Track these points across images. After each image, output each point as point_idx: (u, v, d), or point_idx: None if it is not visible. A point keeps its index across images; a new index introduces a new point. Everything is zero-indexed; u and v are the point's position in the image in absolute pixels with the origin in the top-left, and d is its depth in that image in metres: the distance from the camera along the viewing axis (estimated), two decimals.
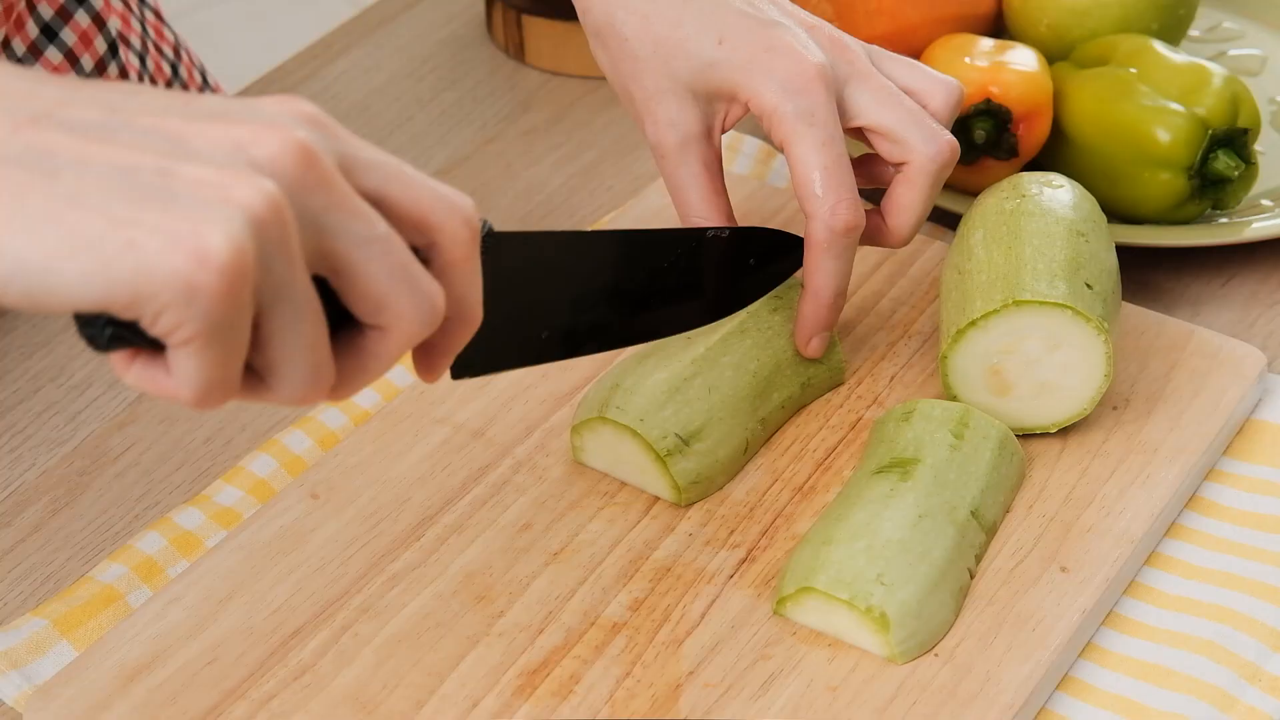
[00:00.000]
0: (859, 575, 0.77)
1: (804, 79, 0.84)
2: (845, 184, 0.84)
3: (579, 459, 0.86)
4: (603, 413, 0.83)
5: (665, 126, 0.87)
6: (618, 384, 0.84)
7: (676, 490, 0.83)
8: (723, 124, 0.88)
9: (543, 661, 0.77)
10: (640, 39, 0.87)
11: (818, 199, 0.84)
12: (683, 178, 0.88)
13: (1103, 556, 0.81)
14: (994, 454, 0.83)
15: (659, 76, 0.87)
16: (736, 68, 0.85)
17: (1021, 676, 0.76)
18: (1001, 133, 1.00)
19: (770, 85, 0.84)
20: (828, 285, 0.86)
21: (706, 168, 0.88)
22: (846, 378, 0.90)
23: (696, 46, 0.85)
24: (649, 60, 0.87)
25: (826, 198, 0.84)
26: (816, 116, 0.84)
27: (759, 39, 0.85)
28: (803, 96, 0.84)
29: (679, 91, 0.87)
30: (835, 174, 0.84)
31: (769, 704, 0.76)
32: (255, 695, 0.76)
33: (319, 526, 0.83)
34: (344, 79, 1.20)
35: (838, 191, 0.84)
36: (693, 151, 0.87)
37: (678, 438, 0.83)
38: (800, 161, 0.84)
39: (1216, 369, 0.90)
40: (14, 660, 0.80)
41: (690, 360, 0.85)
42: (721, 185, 0.89)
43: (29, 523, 0.89)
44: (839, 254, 0.85)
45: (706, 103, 0.87)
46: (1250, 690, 0.78)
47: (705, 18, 0.86)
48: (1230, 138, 0.98)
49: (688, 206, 0.88)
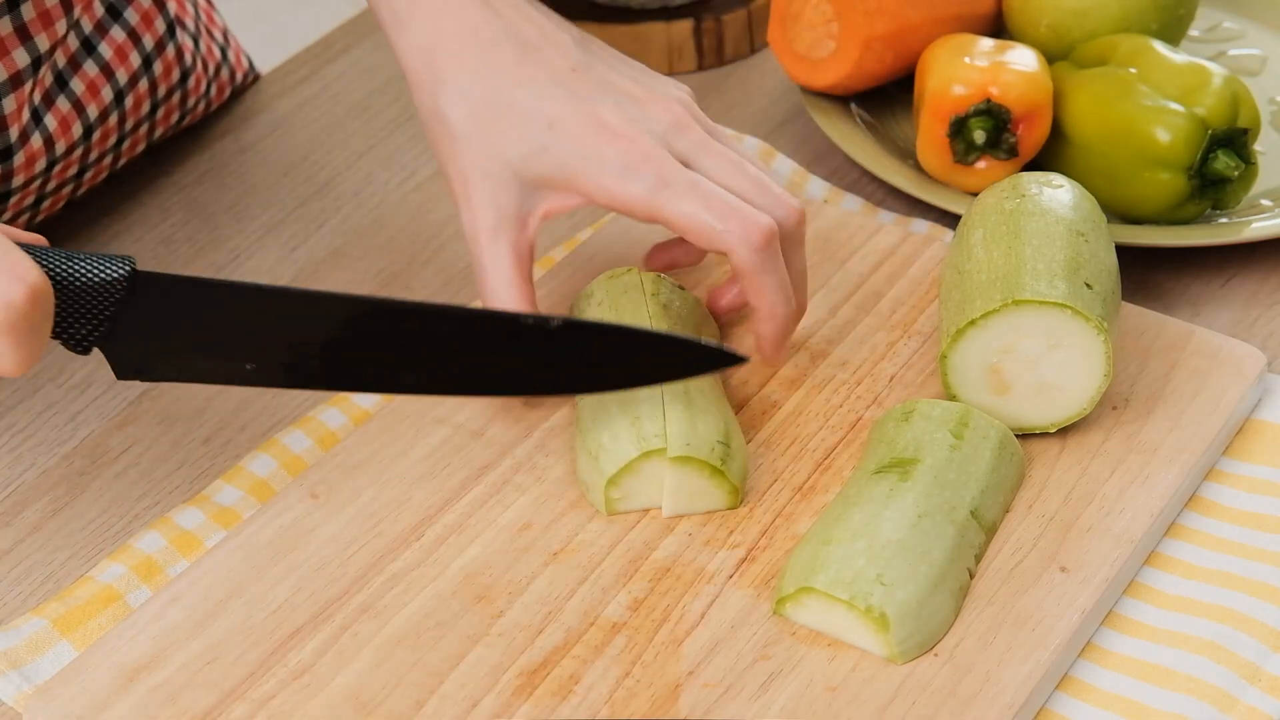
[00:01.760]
0: (859, 575, 0.77)
1: (641, 155, 0.83)
2: (734, 206, 0.83)
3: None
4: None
5: (480, 207, 0.85)
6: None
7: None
8: (545, 212, 0.86)
9: (542, 661, 0.77)
10: (466, 121, 0.85)
11: (721, 233, 0.82)
12: (487, 262, 0.85)
13: (1103, 556, 0.81)
14: (994, 454, 0.83)
15: (482, 159, 0.84)
16: (569, 154, 0.83)
17: (1021, 676, 0.76)
18: (1001, 133, 1.00)
19: (608, 174, 0.83)
20: (776, 300, 0.84)
21: (514, 253, 0.85)
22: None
23: (526, 131, 0.84)
24: (473, 142, 0.85)
25: (730, 227, 0.82)
26: (668, 178, 0.83)
27: (588, 122, 0.83)
28: (645, 169, 0.83)
29: (504, 176, 0.84)
30: (719, 207, 0.82)
31: (768, 704, 0.76)
32: (255, 695, 0.76)
33: (319, 526, 0.83)
34: (344, 79, 1.20)
35: (734, 216, 0.82)
36: (505, 237, 0.85)
37: None
38: (682, 218, 0.83)
39: (1216, 369, 0.90)
40: (14, 660, 0.80)
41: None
42: (529, 277, 0.86)
43: (29, 523, 0.89)
44: (770, 267, 0.83)
45: (532, 189, 0.85)
46: (1250, 690, 0.78)
47: (534, 100, 0.84)
48: (1230, 138, 0.98)
49: (487, 288, 0.85)
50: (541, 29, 0.86)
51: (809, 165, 1.10)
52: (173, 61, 1.07)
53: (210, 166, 1.12)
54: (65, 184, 1.03)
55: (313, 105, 1.17)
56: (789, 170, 1.07)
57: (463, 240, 1.03)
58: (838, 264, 0.97)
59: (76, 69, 1.00)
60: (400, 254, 1.04)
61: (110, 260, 0.76)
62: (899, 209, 1.06)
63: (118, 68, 1.03)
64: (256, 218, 1.08)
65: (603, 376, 0.82)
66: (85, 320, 0.77)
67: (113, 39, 1.03)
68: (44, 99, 0.98)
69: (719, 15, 1.18)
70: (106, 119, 1.03)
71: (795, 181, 1.07)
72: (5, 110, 0.95)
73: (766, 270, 0.83)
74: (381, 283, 1.02)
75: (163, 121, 1.09)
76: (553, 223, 1.05)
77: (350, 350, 0.80)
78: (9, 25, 0.94)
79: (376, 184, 1.10)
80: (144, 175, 1.11)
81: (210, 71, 1.13)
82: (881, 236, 0.99)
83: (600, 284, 0.90)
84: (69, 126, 1.00)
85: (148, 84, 1.06)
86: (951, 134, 1.01)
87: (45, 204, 1.03)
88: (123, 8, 1.04)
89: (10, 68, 0.94)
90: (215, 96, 1.15)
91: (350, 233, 1.06)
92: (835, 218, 1.00)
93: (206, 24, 1.14)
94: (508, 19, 0.86)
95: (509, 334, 0.81)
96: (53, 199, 1.04)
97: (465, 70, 0.85)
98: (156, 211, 1.09)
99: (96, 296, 0.76)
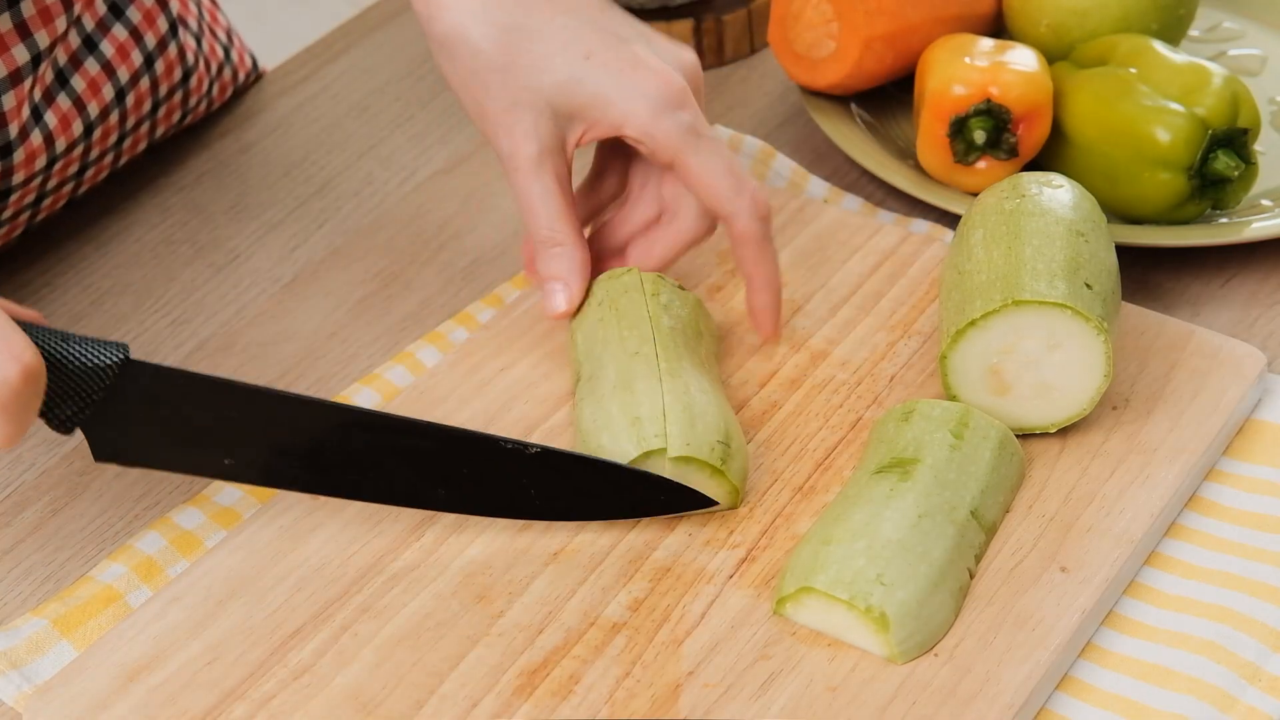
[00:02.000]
0: (859, 575, 0.77)
1: (677, 94, 0.85)
2: (747, 176, 0.87)
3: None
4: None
5: (522, 138, 0.86)
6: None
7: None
8: (578, 141, 0.87)
9: (543, 661, 0.77)
10: (497, 51, 0.85)
11: (733, 199, 0.86)
12: (536, 193, 0.87)
13: (1103, 556, 0.81)
14: (994, 454, 0.83)
15: (516, 89, 0.85)
16: (605, 85, 0.85)
17: (1021, 676, 0.76)
18: (1001, 133, 1.00)
19: (644, 104, 0.85)
20: (772, 271, 0.89)
21: (560, 183, 0.87)
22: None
23: (563, 61, 0.85)
24: (506, 73, 0.85)
25: (743, 194, 0.86)
26: (699, 127, 0.85)
27: (625, 56, 0.85)
28: (681, 111, 0.85)
29: (539, 105, 0.85)
30: (737, 171, 0.86)
31: (769, 704, 0.76)
32: (255, 695, 0.76)
33: (319, 526, 0.83)
34: (344, 79, 1.20)
35: (749, 184, 0.86)
36: (548, 166, 0.86)
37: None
38: (702, 171, 0.85)
39: (1216, 369, 0.90)
40: (14, 660, 0.80)
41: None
42: (573, 201, 0.88)
43: (29, 523, 0.89)
44: (769, 237, 0.88)
45: (566, 119, 0.86)
46: (1250, 690, 0.78)
47: (570, 33, 0.85)
48: (1230, 138, 0.98)
49: (538, 220, 0.87)
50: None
51: (809, 165, 1.10)
52: (175, 61, 1.08)
53: (210, 166, 1.12)
54: (66, 182, 1.03)
55: (313, 105, 1.17)
56: (789, 170, 1.07)
57: (462, 240, 1.03)
58: (838, 264, 0.97)
59: (78, 67, 1.00)
60: (400, 254, 1.04)
61: (103, 346, 0.77)
62: (899, 209, 1.06)
63: (119, 66, 1.03)
64: (256, 218, 1.08)
65: (575, 506, 0.83)
66: (72, 401, 0.77)
67: (114, 37, 1.03)
68: (44, 96, 0.98)
69: (719, 15, 1.18)
70: (107, 117, 1.03)
71: (795, 181, 1.07)
72: (5, 107, 0.95)
73: (767, 240, 0.88)
74: (381, 283, 1.02)
75: (164, 120, 1.09)
76: None
77: (328, 457, 0.81)
78: (9, 22, 0.94)
79: (376, 184, 1.10)
80: (144, 175, 1.11)
81: (213, 71, 1.13)
82: (881, 236, 0.99)
83: (601, 284, 0.90)
84: (69, 124, 1.00)
85: (149, 83, 1.06)
86: (951, 134, 1.01)
87: (46, 202, 1.03)
88: (125, 6, 1.04)
89: (10, 64, 0.94)
90: (218, 96, 1.15)
91: (350, 233, 1.06)
92: (835, 218, 1.00)
93: (210, 23, 1.14)
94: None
95: (486, 456, 0.81)
96: (53, 197, 1.04)
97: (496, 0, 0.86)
98: (156, 211, 1.09)
99: (87, 380, 0.77)
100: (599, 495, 0.82)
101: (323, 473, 0.81)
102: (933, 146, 1.01)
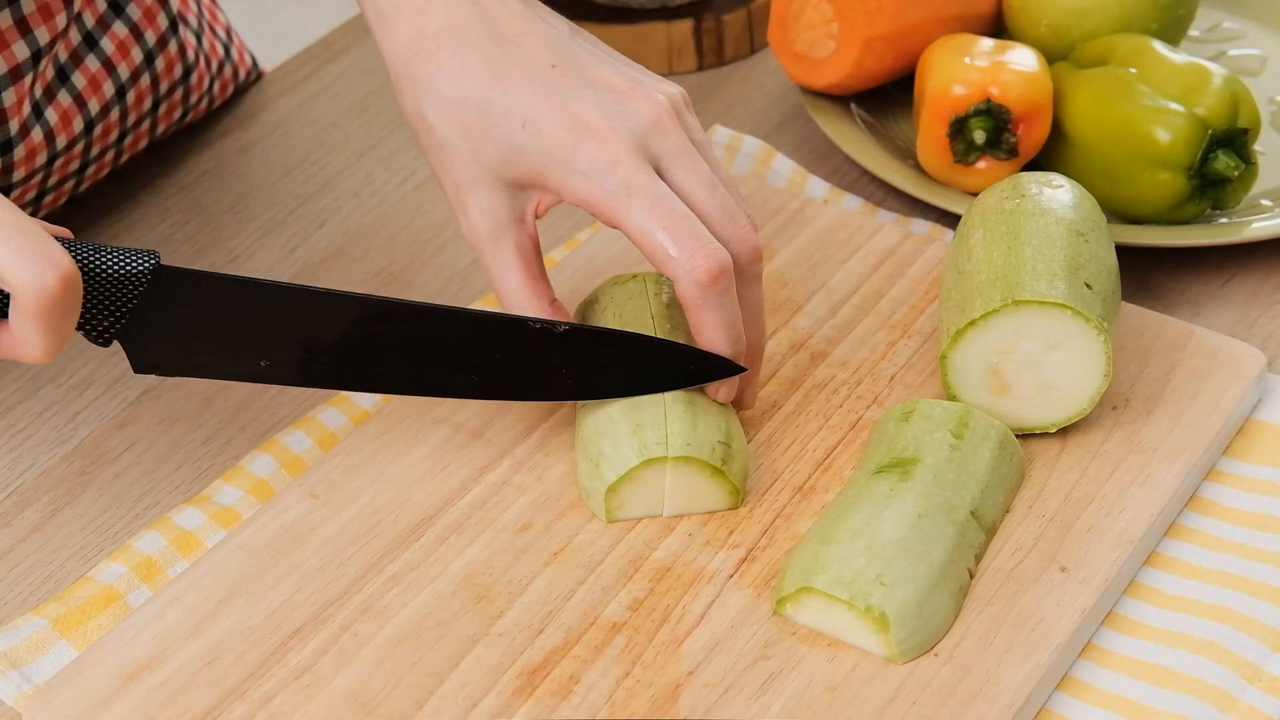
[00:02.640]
0: (859, 575, 0.77)
1: (610, 158, 0.81)
2: (693, 234, 0.81)
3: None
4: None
5: (477, 216, 0.84)
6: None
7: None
8: (535, 210, 0.85)
9: (542, 661, 0.77)
10: (448, 126, 0.84)
11: (673, 260, 0.80)
12: (496, 269, 0.85)
13: (1103, 556, 0.81)
14: (994, 454, 0.83)
15: (468, 164, 0.84)
16: (542, 154, 0.82)
17: (1021, 676, 0.76)
18: (1001, 133, 1.00)
19: (576, 175, 0.82)
20: (716, 337, 0.82)
21: (521, 255, 0.85)
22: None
23: (502, 132, 0.83)
24: (457, 148, 0.84)
25: (681, 256, 0.80)
26: (633, 187, 0.81)
27: (562, 121, 0.82)
28: (612, 174, 0.81)
29: (488, 180, 0.84)
30: (677, 230, 0.80)
31: (768, 704, 0.76)
32: (255, 695, 0.76)
33: (319, 526, 0.83)
34: (344, 79, 1.20)
35: (689, 244, 0.80)
36: (505, 240, 0.85)
37: None
38: (638, 233, 0.81)
39: (1216, 369, 0.90)
40: (14, 660, 0.80)
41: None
42: (540, 272, 0.85)
43: (29, 523, 0.89)
44: (716, 304, 0.81)
45: (518, 189, 0.84)
46: (1250, 690, 0.78)
47: (510, 99, 0.83)
48: (1230, 138, 0.98)
49: (503, 293, 0.85)
50: (526, 22, 0.85)
51: (809, 165, 1.10)
52: (175, 58, 1.08)
53: (210, 166, 1.12)
54: (67, 179, 1.04)
55: (313, 105, 1.17)
56: (789, 170, 1.07)
57: (463, 239, 1.03)
58: (838, 264, 0.97)
59: (78, 63, 1.00)
60: (400, 254, 1.04)
61: (135, 254, 0.78)
62: (899, 209, 1.06)
63: (119, 63, 1.03)
64: (256, 217, 1.08)
65: (607, 382, 0.83)
66: (108, 312, 0.78)
67: (115, 34, 1.03)
68: (45, 93, 0.98)
69: (719, 15, 1.18)
70: (108, 114, 1.03)
71: (795, 181, 1.07)
72: (5, 103, 0.95)
73: (710, 307, 0.81)
74: (382, 283, 1.02)
75: (165, 118, 1.09)
76: (553, 223, 1.05)
77: (361, 350, 0.82)
78: (9, 18, 0.94)
79: (376, 184, 1.10)
80: (144, 174, 1.11)
81: (213, 68, 1.13)
82: (881, 236, 0.99)
83: (605, 289, 0.90)
84: (70, 121, 1.00)
85: (150, 80, 1.06)
86: (951, 134, 1.01)
87: (47, 199, 1.03)
88: (125, 3, 1.04)
89: (10, 61, 0.94)
90: (218, 94, 1.15)
91: (350, 233, 1.06)
92: (835, 218, 1.00)
93: (209, 21, 1.14)
94: (491, 13, 0.85)
95: (516, 337, 0.82)
96: (54, 194, 1.04)
97: (444, 73, 0.84)
98: (156, 211, 1.09)
99: (121, 289, 0.78)
100: (630, 369, 0.83)
101: (356, 366, 0.82)
102: (933, 146, 1.01)
